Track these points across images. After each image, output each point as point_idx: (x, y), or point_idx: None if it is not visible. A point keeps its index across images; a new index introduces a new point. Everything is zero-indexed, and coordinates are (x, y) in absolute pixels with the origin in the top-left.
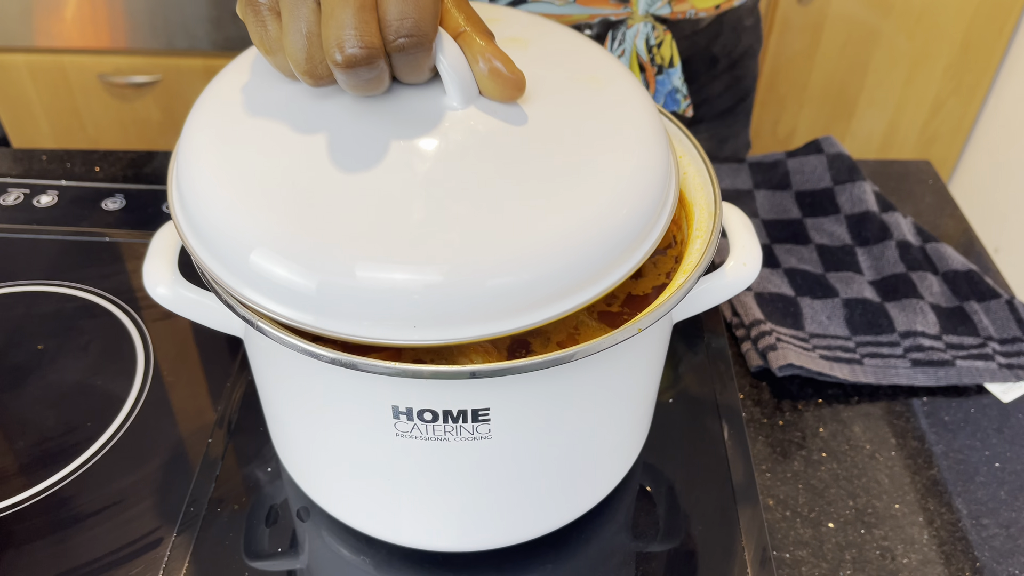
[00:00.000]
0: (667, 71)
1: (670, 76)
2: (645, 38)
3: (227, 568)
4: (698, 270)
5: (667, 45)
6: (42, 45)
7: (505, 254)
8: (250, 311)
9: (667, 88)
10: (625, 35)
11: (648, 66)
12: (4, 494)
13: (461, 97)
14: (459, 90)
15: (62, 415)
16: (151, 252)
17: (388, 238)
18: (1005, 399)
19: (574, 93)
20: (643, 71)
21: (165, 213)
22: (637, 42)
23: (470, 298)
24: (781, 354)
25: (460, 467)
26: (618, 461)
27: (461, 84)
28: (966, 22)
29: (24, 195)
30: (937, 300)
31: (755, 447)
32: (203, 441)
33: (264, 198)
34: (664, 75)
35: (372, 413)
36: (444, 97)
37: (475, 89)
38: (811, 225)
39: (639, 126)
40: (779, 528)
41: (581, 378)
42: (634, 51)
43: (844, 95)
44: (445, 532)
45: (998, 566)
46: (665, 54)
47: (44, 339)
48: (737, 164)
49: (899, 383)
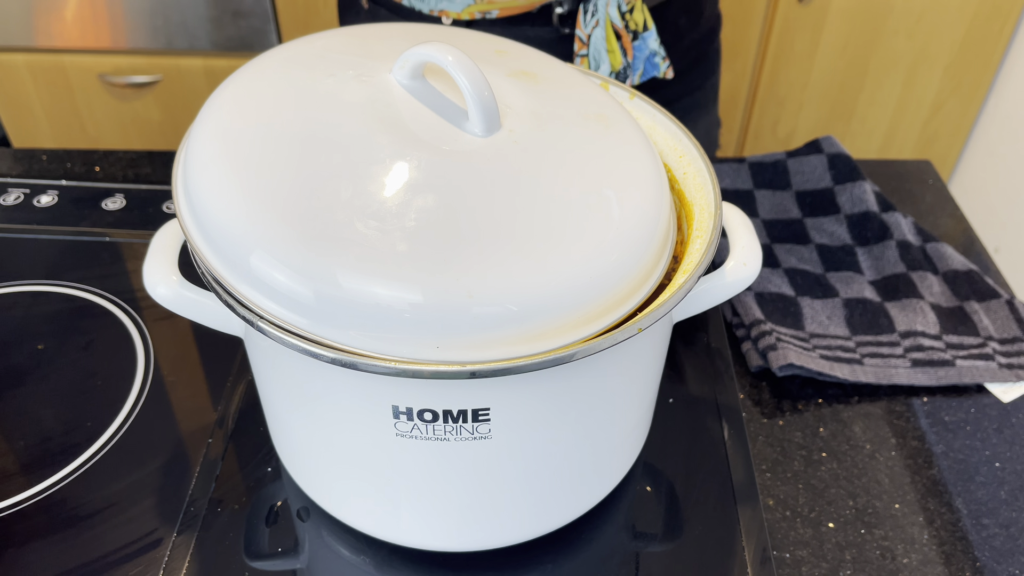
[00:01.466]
0: (642, 36)
1: (646, 40)
2: (617, 5)
3: (227, 568)
4: (698, 270)
5: (639, 10)
6: (42, 45)
7: (501, 284)
8: (250, 311)
9: (645, 53)
10: (597, 5)
11: (624, 33)
12: (5, 494)
13: (484, 125)
14: (482, 117)
15: (62, 415)
16: (151, 252)
17: (386, 254)
18: (1005, 399)
19: (586, 130)
20: (619, 39)
21: (165, 213)
22: (610, 11)
23: (459, 323)
24: (781, 354)
25: (460, 467)
26: (618, 461)
27: (485, 112)
28: (966, 22)
29: (24, 195)
30: (937, 300)
31: (755, 447)
32: (203, 441)
33: (270, 201)
34: (640, 40)
35: (372, 413)
36: (467, 122)
37: (498, 118)
38: (811, 225)
39: (645, 165)
40: (779, 528)
41: (581, 378)
42: (607, 20)
43: (844, 95)
44: (445, 532)
45: (998, 566)
46: (638, 19)
47: (44, 339)
48: (737, 164)
49: (899, 383)
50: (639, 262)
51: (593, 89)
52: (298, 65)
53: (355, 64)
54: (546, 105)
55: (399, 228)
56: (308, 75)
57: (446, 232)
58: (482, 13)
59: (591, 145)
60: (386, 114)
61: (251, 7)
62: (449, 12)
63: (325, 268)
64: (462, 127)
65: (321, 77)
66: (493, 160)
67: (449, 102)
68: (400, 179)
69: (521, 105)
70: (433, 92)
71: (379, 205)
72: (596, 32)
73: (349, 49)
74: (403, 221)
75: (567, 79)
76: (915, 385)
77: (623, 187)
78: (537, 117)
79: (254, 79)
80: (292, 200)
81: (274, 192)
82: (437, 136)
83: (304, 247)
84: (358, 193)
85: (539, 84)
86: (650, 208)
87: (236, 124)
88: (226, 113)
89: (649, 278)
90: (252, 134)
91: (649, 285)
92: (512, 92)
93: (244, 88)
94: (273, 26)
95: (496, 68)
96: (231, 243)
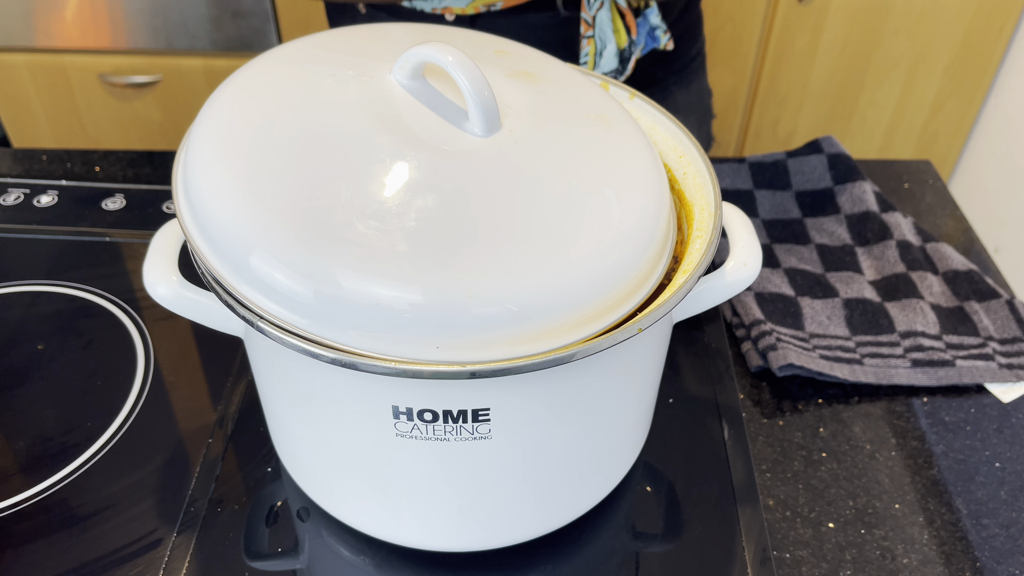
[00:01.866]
0: (645, 12)
1: (648, 16)
2: None
3: (227, 568)
4: (698, 270)
5: None
6: (42, 45)
7: (501, 284)
8: (250, 311)
9: (646, 28)
10: None
11: (627, 11)
12: (4, 494)
13: (484, 125)
14: (482, 117)
15: (62, 415)
16: (151, 252)
17: (386, 254)
18: (1005, 399)
19: (587, 130)
20: (623, 18)
21: (165, 213)
22: None
23: (459, 323)
24: (781, 354)
25: (460, 467)
26: (618, 461)
27: (485, 111)
28: (966, 22)
29: (24, 195)
30: (937, 300)
31: (755, 447)
32: (203, 441)
33: (271, 201)
34: (643, 17)
35: (372, 413)
36: (467, 122)
37: (498, 118)
38: (811, 225)
39: (645, 165)
40: (779, 528)
41: (581, 378)
42: (612, 0)
43: (844, 95)
44: (445, 532)
45: (998, 566)
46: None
47: (44, 339)
48: (737, 164)
49: (899, 383)
50: (639, 261)
51: (593, 89)
52: (298, 65)
53: (355, 64)
54: (546, 105)
55: (399, 228)
56: (308, 75)
57: (446, 232)
58: (486, 6)
59: (591, 145)
60: (386, 114)
61: (251, 7)
62: (453, 8)
63: (325, 268)
64: (462, 127)
65: (321, 77)
66: (493, 160)
67: (449, 102)
68: (400, 179)
69: (521, 105)
70: (433, 92)
71: (379, 205)
72: (601, 13)
73: (349, 49)
74: (403, 221)
75: (567, 79)
76: (915, 385)
77: (623, 187)
78: (537, 117)
79: (254, 79)
80: (292, 200)
81: (274, 192)
82: (437, 136)
83: (304, 247)
84: (358, 193)
85: (539, 84)
86: (650, 207)
87: (236, 124)
88: (226, 113)
89: (649, 278)
90: (252, 134)
91: (649, 285)
92: (512, 92)
93: (244, 88)
94: (273, 26)
95: (496, 68)
96: (231, 243)
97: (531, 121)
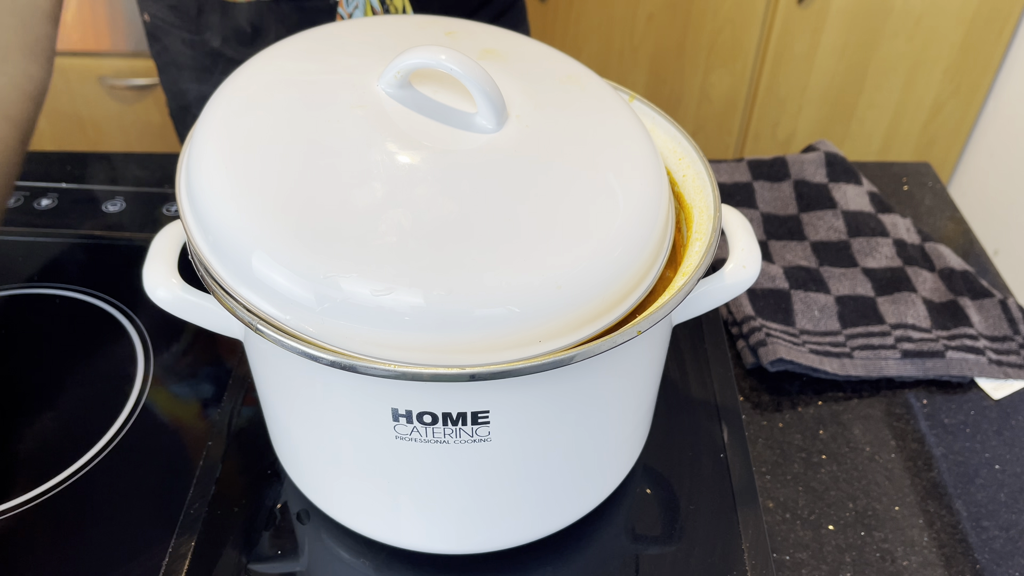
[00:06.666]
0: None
1: None
2: None
3: (227, 571)
4: (697, 272)
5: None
6: None
7: (501, 285)
8: (249, 314)
9: None
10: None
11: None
12: (5, 496)
13: (495, 118)
14: (492, 110)
15: (62, 417)
16: (151, 255)
17: (386, 257)
18: (995, 396)
19: (568, 95)
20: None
21: (165, 216)
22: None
23: (459, 325)
24: (771, 349)
25: (460, 469)
26: (618, 463)
27: (493, 105)
28: (965, 24)
29: (24, 197)
30: (930, 295)
31: (755, 449)
32: (203, 443)
33: (271, 202)
34: None
35: (372, 415)
36: (476, 116)
37: (506, 109)
38: (807, 220)
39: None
40: (779, 530)
41: (581, 380)
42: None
43: (844, 97)
44: (445, 534)
45: (998, 568)
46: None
47: (44, 341)
48: (736, 163)
49: (889, 375)
50: (642, 248)
51: (551, 52)
52: (298, 63)
53: (356, 64)
54: (530, 83)
55: (399, 231)
56: (308, 74)
57: (445, 233)
58: None
59: (586, 116)
60: (387, 114)
61: None
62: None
63: (325, 270)
64: (467, 126)
65: (322, 76)
66: (513, 152)
67: (440, 104)
68: (400, 181)
69: (511, 89)
70: (434, 92)
71: (379, 208)
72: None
73: (349, 47)
74: (403, 224)
75: (527, 49)
76: (904, 377)
77: (624, 167)
78: (530, 98)
79: (255, 79)
80: (294, 202)
81: (275, 194)
82: (441, 136)
83: (304, 249)
84: (359, 195)
85: (508, 61)
86: (651, 177)
87: (237, 124)
88: (228, 113)
89: (651, 272)
90: (253, 135)
91: (650, 279)
92: (495, 76)
93: (245, 88)
94: None
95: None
96: (231, 245)
97: (528, 103)
